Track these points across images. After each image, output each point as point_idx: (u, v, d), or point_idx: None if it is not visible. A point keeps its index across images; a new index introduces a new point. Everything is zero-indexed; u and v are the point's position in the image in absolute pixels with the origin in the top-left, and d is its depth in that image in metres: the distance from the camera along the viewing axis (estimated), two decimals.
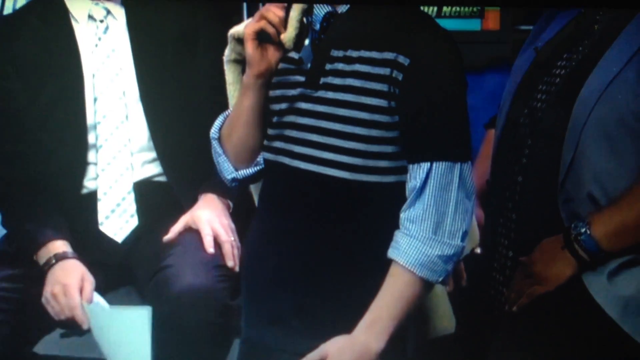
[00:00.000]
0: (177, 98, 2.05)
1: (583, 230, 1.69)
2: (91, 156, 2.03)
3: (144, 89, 2.03)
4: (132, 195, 2.03)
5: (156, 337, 1.84)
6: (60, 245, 1.96)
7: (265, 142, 1.68)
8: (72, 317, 1.90)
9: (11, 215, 2.05)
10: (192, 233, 1.98)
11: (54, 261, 1.93)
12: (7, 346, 1.92)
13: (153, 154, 2.06)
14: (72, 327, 1.94)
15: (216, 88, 1.84)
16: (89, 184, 2.04)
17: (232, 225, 1.99)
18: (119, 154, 2.03)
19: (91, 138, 2.03)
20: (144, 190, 2.04)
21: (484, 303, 1.89)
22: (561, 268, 1.72)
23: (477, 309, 1.87)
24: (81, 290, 1.91)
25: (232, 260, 1.94)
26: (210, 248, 1.93)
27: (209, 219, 1.97)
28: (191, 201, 2.04)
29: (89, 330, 2.08)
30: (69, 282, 1.91)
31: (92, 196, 2.03)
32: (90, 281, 1.92)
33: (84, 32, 2.04)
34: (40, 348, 2.04)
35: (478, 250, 1.88)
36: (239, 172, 1.72)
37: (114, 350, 1.87)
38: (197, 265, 1.89)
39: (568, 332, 1.75)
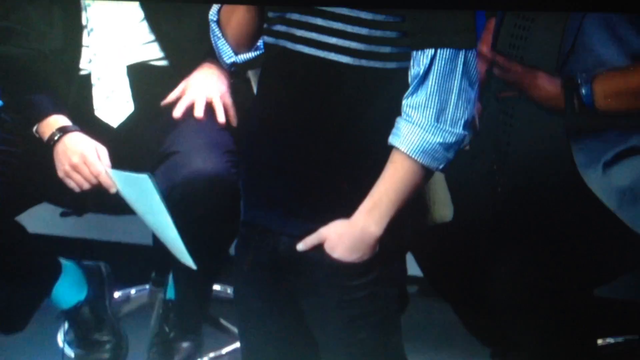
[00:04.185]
0: None
1: (585, 82, 1.70)
2: (84, 39, 2.00)
3: None
4: (127, 80, 2.00)
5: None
6: (61, 120, 1.95)
7: (266, 25, 1.65)
8: (98, 183, 1.89)
9: (9, 87, 2.03)
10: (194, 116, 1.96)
11: (58, 135, 1.92)
12: (4, 210, 1.93)
13: (151, 36, 2.02)
14: (97, 195, 1.94)
15: None
16: (83, 67, 2.01)
17: (229, 99, 1.97)
18: (113, 37, 1.99)
19: (83, 19, 1.99)
20: (140, 74, 2.02)
21: (482, 191, 1.91)
22: (548, 102, 1.73)
23: (476, 197, 1.89)
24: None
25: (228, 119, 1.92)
26: (199, 113, 1.90)
27: (202, 84, 1.94)
28: None
29: (89, 211, 2.10)
30: (86, 151, 1.90)
31: (87, 80, 2.01)
32: (103, 148, 1.92)
33: None
34: (39, 228, 2.06)
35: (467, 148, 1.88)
36: (239, 57, 1.69)
37: (144, 210, 1.87)
38: (206, 150, 1.88)
39: (567, 221, 1.77)
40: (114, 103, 2.00)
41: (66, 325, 2.25)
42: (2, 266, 1.99)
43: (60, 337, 2.27)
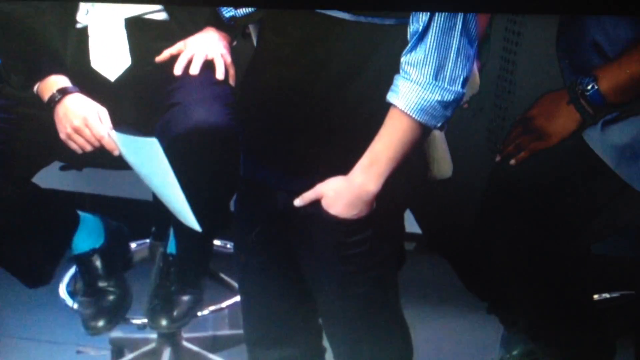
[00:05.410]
0: None
1: (590, 85, 1.68)
2: None
3: None
4: (124, 33, 1.99)
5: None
6: (61, 80, 1.93)
7: None
8: (101, 145, 1.90)
9: (6, 45, 2.01)
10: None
11: (58, 97, 1.91)
12: (5, 177, 1.94)
13: None
14: (99, 159, 1.94)
15: None
16: (80, 20, 2.00)
17: (229, 58, 1.96)
18: None
19: None
20: (138, 28, 2.00)
21: (482, 148, 1.91)
22: (566, 123, 1.73)
23: (475, 154, 1.90)
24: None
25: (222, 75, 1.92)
26: (196, 68, 1.89)
27: (202, 42, 1.93)
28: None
29: (88, 165, 2.11)
30: (87, 113, 1.89)
31: (84, 33, 1.99)
32: (104, 110, 1.91)
33: None
34: (39, 182, 2.06)
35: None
36: (238, 10, 1.69)
37: (147, 173, 1.87)
38: (207, 103, 1.87)
39: (565, 178, 1.78)
40: (111, 56, 1.99)
41: (72, 272, 2.28)
42: (22, 224, 2.00)
43: (62, 289, 2.30)
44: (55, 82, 1.93)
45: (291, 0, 1.55)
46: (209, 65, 1.96)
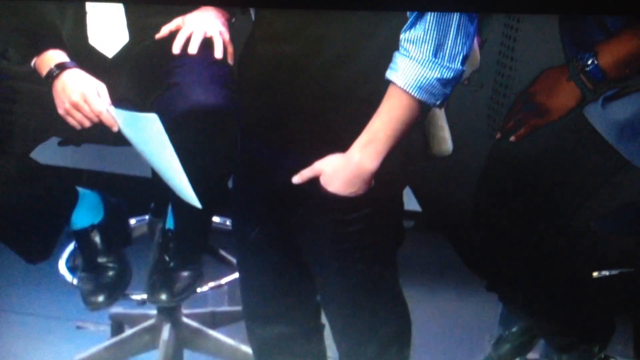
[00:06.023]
0: None
1: (590, 60, 1.67)
2: None
3: None
4: (122, 8, 1.98)
5: None
6: (58, 55, 1.93)
7: None
8: (100, 121, 1.89)
9: (3, 21, 2.00)
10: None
11: (56, 72, 1.90)
12: (3, 152, 1.93)
13: None
14: (98, 135, 1.93)
15: None
16: None
17: (228, 36, 1.95)
18: None
19: None
20: (136, 3, 1.99)
21: (482, 125, 1.90)
22: (566, 99, 1.72)
23: (475, 131, 1.89)
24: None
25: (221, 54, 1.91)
26: (194, 47, 1.88)
27: (201, 19, 1.92)
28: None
29: (87, 141, 2.10)
30: (86, 89, 1.88)
31: (82, 9, 1.98)
32: (103, 85, 1.91)
33: None
34: (37, 158, 2.06)
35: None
36: None
37: (146, 149, 1.87)
38: (206, 83, 1.86)
39: (565, 154, 1.77)
40: (108, 32, 1.98)
41: (72, 248, 2.28)
42: (21, 200, 2.00)
43: (62, 264, 2.30)
44: (53, 57, 1.93)
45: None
46: (207, 44, 1.95)
